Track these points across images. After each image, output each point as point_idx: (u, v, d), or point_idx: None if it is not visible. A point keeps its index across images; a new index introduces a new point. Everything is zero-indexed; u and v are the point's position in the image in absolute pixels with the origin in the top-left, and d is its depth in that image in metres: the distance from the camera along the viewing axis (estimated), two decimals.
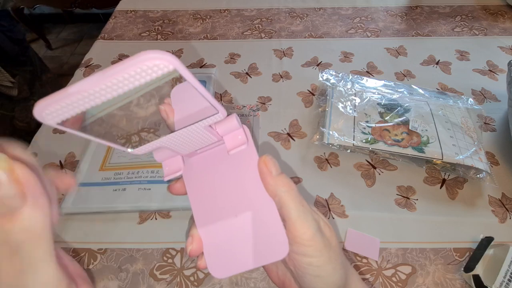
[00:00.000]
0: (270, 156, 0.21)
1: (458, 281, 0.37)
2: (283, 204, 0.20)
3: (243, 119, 0.54)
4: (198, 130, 0.20)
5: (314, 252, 0.20)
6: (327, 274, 0.21)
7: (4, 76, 0.97)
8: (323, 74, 0.59)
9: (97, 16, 1.94)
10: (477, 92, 0.58)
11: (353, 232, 0.41)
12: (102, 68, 0.67)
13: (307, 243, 0.20)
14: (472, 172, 0.44)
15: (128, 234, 0.41)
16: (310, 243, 0.20)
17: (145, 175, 0.45)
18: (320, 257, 0.20)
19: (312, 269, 0.20)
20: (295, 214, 0.20)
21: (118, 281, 0.38)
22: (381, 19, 0.77)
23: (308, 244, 0.20)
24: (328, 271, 0.21)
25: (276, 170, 0.21)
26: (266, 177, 0.21)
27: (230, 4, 0.82)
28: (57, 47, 2.00)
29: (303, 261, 0.20)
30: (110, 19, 0.79)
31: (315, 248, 0.20)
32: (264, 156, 0.21)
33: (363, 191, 0.45)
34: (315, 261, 0.20)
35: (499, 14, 0.77)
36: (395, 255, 0.39)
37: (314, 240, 0.20)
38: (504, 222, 0.42)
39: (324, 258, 0.20)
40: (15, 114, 1.03)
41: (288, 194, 0.20)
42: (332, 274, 0.21)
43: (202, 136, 0.21)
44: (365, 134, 0.47)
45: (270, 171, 0.21)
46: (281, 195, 0.20)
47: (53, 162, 0.49)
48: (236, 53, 0.68)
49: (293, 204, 0.20)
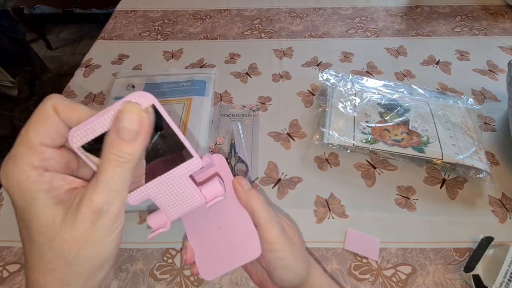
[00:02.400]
0: (241, 177, 0.27)
1: (458, 281, 0.37)
2: (254, 212, 0.25)
3: (243, 119, 0.54)
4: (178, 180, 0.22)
5: (279, 247, 0.25)
6: (290, 264, 0.26)
7: (4, 76, 0.97)
8: (323, 74, 0.59)
9: (97, 16, 1.94)
10: (477, 92, 0.58)
11: (353, 232, 0.41)
12: (102, 68, 0.67)
13: (273, 240, 0.25)
14: (472, 172, 0.44)
15: (128, 234, 0.41)
16: (275, 240, 0.25)
17: None
18: (283, 251, 0.25)
19: (278, 262, 0.25)
20: (263, 219, 0.25)
21: (118, 281, 0.38)
22: (381, 19, 0.77)
23: (274, 241, 0.25)
24: (291, 262, 0.26)
25: (247, 187, 0.26)
26: (239, 192, 0.26)
27: (230, 4, 0.82)
28: (57, 47, 2.00)
29: (271, 256, 0.25)
30: (110, 19, 0.79)
31: (279, 244, 0.25)
32: (236, 177, 0.27)
33: (363, 191, 0.45)
34: (280, 255, 0.25)
35: (499, 14, 0.77)
36: (395, 255, 0.39)
37: (279, 238, 0.25)
38: (504, 222, 0.42)
39: (287, 252, 0.25)
40: (15, 114, 1.03)
41: (257, 204, 0.25)
42: (295, 264, 0.26)
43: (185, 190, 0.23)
44: (365, 134, 0.47)
45: (242, 187, 0.26)
46: (252, 205, 0.25)
47: None
48: (236, 53, 0.68)
49: (261, 212, 0.25)
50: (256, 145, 0.50)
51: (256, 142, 0.51)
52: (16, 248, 0.40)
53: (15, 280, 0.38)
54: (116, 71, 0.62)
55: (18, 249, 0.40)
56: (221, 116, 0.55)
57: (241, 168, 0.47)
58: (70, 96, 0.59)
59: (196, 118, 0.52)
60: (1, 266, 0.39)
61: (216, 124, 0.53)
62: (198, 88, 0.57)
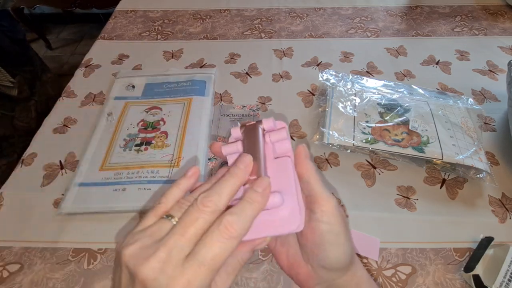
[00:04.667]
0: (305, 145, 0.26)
1: (458, 281, 0.37)
2: (311, 179, 0.24)
3: (243, 119, 0.54)
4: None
5: (335, 220, 0.23)
6: (342, 242, 0.24)
7: (4, 76, 0.97)
8: (323, 74, 0.59)
9: (97, 16, 1.94)
10: (477, 92, 0.58)
11: (353, 232, 0.41)
12: (102, 68, 0.67)
13: (330, 210, 0.23)
14: (472, 172, 0.44)
15: None
16: (333, 211, 0.23)
17: (145, 175, 0.45)
18: (339, 226, 0.23)
19: (331, 236, 0.23)
20: (321, 188, 0.24)
21: None
22: (381, 19, 0.77)
23: (331, 212, 0.23)
24: (343, 240, 0.24)
25: (308, 156, 0.26)
26: (302, 159, 0.25)
27: (230, 4, 0.82)
28: (57, 47, 2.00)
29: (325, 229, 0.23)
30: (110, 19, 0.79)
31: (336, 217, 0.23)
32: (302, 145, 0.26)
33: (363, 191, 0.45)
34: (335, 229, 0.23)
35: (499, 14, 0.77)
36: (395, 255, 0.39)
37: (336, 210, 0.24)
38: (504, 222, 0.42)
39: (342, 228, 0.24)
40: (15, 114, 1.03)
41: (316, 173, 0.25)
42: (346, 245, 0.24)
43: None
44: (365, 134, 0.47)
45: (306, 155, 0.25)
46: (311, 172, 0.25)
47: (53, 162, 0.49)
48: (236, 53, 0.68)
49: (319, 181, 0.24)
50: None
51: None
52: (16, 248, 0.40)
53: (15, 280, 0.38)
54: (116, 71, 0.62)
55: (18, 249, 0.40)
56: (221, 116, 0.55)
57: None
58: (70, 96, 0.59)
59: (196, 118, 0.52)
60: (1, 266, 0.39)
61: (216, 124, 0.53)
62: (198, 88, 0.57)
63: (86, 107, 0.57)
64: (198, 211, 0.19)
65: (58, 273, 0.38)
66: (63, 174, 0.48)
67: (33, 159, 0.49)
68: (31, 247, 0.40)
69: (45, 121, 0.55)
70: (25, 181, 0.47)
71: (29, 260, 0.39)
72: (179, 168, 0.46)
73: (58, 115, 0.56)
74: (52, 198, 0.45)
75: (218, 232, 0.19)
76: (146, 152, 0.48)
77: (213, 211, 0.20)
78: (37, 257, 0.39)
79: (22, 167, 0.48)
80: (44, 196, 0.45)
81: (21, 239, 0.41)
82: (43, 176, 0.47)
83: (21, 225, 0.42)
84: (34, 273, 0.38)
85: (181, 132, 0.50)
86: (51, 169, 0.48)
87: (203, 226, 0.19)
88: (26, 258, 0.39)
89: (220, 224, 0.19)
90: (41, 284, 0.37)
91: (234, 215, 0.19)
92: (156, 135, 0.50)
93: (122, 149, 0.48)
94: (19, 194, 0.45)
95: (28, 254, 0.40)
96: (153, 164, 0.46)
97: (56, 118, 0.55)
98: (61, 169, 0.48)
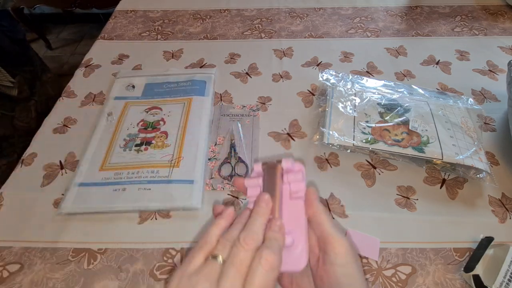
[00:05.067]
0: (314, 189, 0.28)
1: (458, 281, 0.37)
2: (322, 222, 0.26)
3: (243, 119, 0.54)
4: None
5: (349, 261, 0.25)
6: (358, 282, 0.25)
7: (4, 76, 0.97)
8: (323, 74, 0.59)
9: (97, 16, 1.94)
10: (477, 92, 0.58)
11: (353, 232, 0.41)
12: (102, 68, 0.67)
13: (343, 251, 0.25)
14: (472, 172, 0.44)
15: (128, 234, 0.41)
16: (346, 252, 0.25)
17: (145, 175, 0.45)
18: (354, 267, 0.25)
19: (346, 279, 0.24)
20: (333, 230, 0.26)
21: (118, 281, 0.38)
22: (381, 19, 0.77)
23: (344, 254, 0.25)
24: (359, 279, 0.25)
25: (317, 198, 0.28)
26: (313, 201, 0.27)
27: (230, 4, 0.82)
28: (57, 47, 2.00)
29: (339, 271, 0.24)
30: (110, 19, 0.79)
31: (350, 257, 0.25)
32: (312, 188, 0.28)
33: (363, 191, 0.45)
34: (350, 271, 0.25)
35: (499, 14, 0.77)
36: (395, 255, 0.39)
37: (350, 251, 0.25)
38: (504, 222, 0.42)
39: (357, 268, 0.25)
40: (15, 114, 1.02)
41: (326, 215, 0.27)
42: (362, 283, 0.25)
43: None
44: (365, 134, 0.47)
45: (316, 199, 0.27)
46: (321, 214, 0.26)
47: (53, 162, 0.49)
48: (236, 53, 0.68)
49: (330, 223, 0.26)
50: (256, 145, 0.50)
51: (256, 142, 0.51)
52: (16, 248, 0.40)
53: (15, 280, 0.38)
54: (116, 71, 0.62)
55: (18, 249, 0.40)
56: (221, 116, 0.55)
57: (241, 168, 0.47)
58: (70, 96, 0.59)
59: (196, 118, 0.52)
60: (1, 266, 0.39)
61: (216, 124, 0.53)
62: (198, 88, 0.57)
63: (86, 107, 0.57)
64: (243, 250, 0.22)
65: (58, 273, 0.38)
66: (63, 174, 0.48)
67: (33, 159, 0.49)
68: (31, 247, 0.40)
69: (45, 121, 0.55)
70: (25, 181, 0.47)
71: (29, 260, 0.39)
72: (179, 168, 0.46)
73: (58, 115, 0.56)
74: (52, 198, 0.45)
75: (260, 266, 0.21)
76: (146, 152, 0.48)
77: (255, 248, 0.23)
78: (37, 257, 0.39)
79: (22, 167, 0.48)
80: (44, 196, 0.45)
81: (21, 239, 0.41)
82: (43, 176, 0.47)
83: (21, 225, 0.42)
84: (34, 273, 0.38)
85: (181, 132, 0.50)
86: (51, 169, 0.48)
87: (249, 263, 0.22)
88: (26, 258, 0.39)
89: (261, 258, 0.22)
90: (41, 284, 0.37)
91: (269, 249, 0.22)
92: (156, 135, 0.50)
93: (122, 149, 0.48)
94: (19, 194, 0.45)
95: (28, 254, 0.40)
96: (153, 164, 0.46)
97: (56, 118, 0.55)
98: (61, 169, 0.48)
